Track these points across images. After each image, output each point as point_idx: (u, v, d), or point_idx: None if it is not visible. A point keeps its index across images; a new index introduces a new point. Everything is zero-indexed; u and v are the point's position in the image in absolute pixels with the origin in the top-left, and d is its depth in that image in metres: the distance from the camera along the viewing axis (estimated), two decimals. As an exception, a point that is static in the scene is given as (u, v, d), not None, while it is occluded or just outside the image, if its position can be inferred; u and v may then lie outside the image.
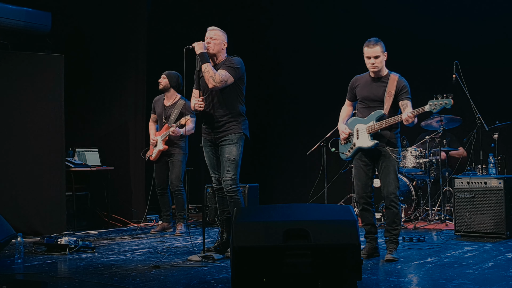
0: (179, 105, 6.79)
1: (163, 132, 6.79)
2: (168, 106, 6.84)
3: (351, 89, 5.08)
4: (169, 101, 6.86)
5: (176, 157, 6.78)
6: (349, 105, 5.15)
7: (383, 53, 4.84)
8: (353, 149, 4.99)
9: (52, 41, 7.57)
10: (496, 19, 7.76)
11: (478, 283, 3.85)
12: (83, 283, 4.04)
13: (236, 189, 5.01)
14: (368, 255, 4.92)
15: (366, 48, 4.85)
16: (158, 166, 6.93)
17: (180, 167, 6.77)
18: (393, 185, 4.84)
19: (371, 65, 4.85)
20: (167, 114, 6.81)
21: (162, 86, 6.81)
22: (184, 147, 6.83)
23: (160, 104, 6.92)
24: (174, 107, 6.79)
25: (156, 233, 6.80)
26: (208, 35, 5.09)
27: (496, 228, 5.86)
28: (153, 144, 6.90)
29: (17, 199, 6.68)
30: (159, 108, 6.91)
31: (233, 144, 5.00)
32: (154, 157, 6.88)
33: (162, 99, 6.92)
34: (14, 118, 6.80)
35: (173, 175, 6.78)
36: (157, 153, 6.83)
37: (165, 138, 6.74)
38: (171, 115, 6.77)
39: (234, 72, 4.98)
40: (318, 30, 9.01)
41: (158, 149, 6.81)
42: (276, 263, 3.35)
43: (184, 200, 6.82)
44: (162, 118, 6.85)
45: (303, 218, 3.51)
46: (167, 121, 6.77)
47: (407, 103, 4.78)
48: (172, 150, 6.77)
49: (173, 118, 6.73)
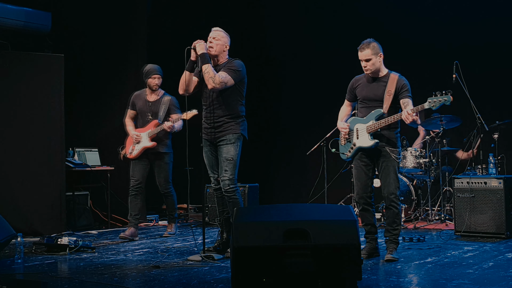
0: (166, 101, 6.43)
1: (150, 129, 6.38)
2: (153, 102, 6.46)
3: (351, 90, 5.08)
4: (154, 96, 6.48)
5: (163, 158, 6.43)
6: (348, 105, 5.15)
7: (376, 55, 4.83)
8: (353, 149, 4.99)
9: (52, 41, 7.57)
10: (496, 19, 7.76)
11: (478, 283, 3.85)
12: (83, 283, 4.04)
13: (234, 189, 5.01)
14: (368, 255, 4.93)
15: (359, 52, 4.89)
16: (137, 163, 6.43)
17: (168, 168, 6.46)
18: (393, 185, 4.84)
19: (363, 68, 4.89)
20: (153, 110, 6.42)
21: (158, 86, 6.48)
22: (170, 145, 6.50)
23: (142, 99, 6.50)
24: (161, 102, 6.43)
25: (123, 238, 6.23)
26: (212, 34, 5.09)
27: (496, 228, 5.86)
28: (137, 141, 6.41)
29: (17, 199, 6.68)
30: (142, 104, 6.48)
31: (231, 144, 5.01)
32: (136, 154, 6.39)
33: (144, 95, 6.51)
34: (14, 118, 6.79)
35: (162, 178, 6.45)
36: (140, 150, 6.36)
37: (153, 135, 6.35)
38: (159, 111, 6.40)
39: (235, 74, 4.98)
40: (318, 30, 9.01)
41: (143, 146, 6.35)
42: (276, 263, 3.35)
43: (175, 200, 6.55)
44: (147, 114, 6.43)
45: (303, 218, 3.51)
46: (155, 118, 6.39)
47: (408, 101, 4.79)
48: (159, 148, 6.38)
49: (162, 115, 6.38)
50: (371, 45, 4.83)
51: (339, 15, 8.88)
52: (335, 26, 8.84)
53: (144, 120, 6.46)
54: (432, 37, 8.13)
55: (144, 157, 6.41)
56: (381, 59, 4.88)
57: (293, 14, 9.28)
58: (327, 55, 8.81)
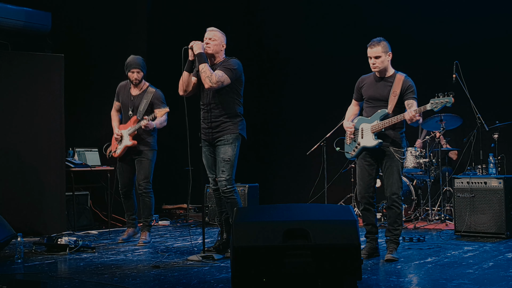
0: (148, 94, 6.00)
1: (130, 126, 6.01)
2: (135, 96, 6.06)
3: (357, 89, 5.11)
4: (137, 89, 6.08)
5: (145, 155, 6.00)
6: (355, 104, 5.18)
7: (385, 53, 4.85)
8: (357, 149, 5.02)
9: (52, 41, 7.58)
10: (497, 19, 7.76)
11: (478, 283, 3.85)
12: (83, 283, 4.04)
13: (231, 190, 5.01)
14: (368, 255, 4.93)
15: (368, 49, 4.89)
16: (122, 165, 6.12)
17: (150, 167, 6.00)
18: (396, 185, 4.87)
19: (372, 65, 4.89)
20: (134, 104, 6.02)
21: (139, 80, 6.04)
22: (153, 143, 6.07)
23: (126, 92, 6.12)
24: (143, 96, 6.01)
25: (122, 241, 6.08)
26: (207, 35, 5.09)
27: (496, 228, 5.86)
28: (117, 139, 6.09)
29: (17, 199, 6.68)
30: (125, 97, 6.11)
31: (229, 145, 5.00)
32: (119, 154, 6.06)
33: (128, 87, 6.12)
34: (14, 118, 6.80)
35: (141, 176, 5.98)
36: (122, 149, 6.02)
37: (133, 133, 5.96)
38: (140, 106, 5.98)
39: (231, 73, 4.98)
40: (318, 30, 9.01)
41: (124, 145, 6.00)
42: (276, 263, 3.35)
43: (152, 204, 6.05)
44: (128, 109, 6.06)
45: (303, 218, 3.51)
46: (135, 113, 6.00)
47: (413, 102, 4.80)
48: (141, 147, 6.00)
49: (142, 110, 5.96)
50: (382, 43, 4.85)
51: (340, 16, 8.87)
52: (336, 26, 8.83)
53: (125, 115, 6.12)
54: (432, 37, 8.13)
55: (128, 156, 6.08)
56: (390, 58, 4.90)
57: (294, 14, 9.27)
58: (328, 55, 8.81)
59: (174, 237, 6.52)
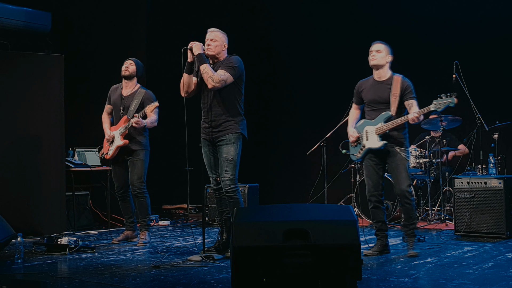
0: (139, 95, 5.97)
1: (121, 126, 5.98)
2: (126, 96, 6.03)
3: (357, 93, 5.23)
4: (128, 90, 6.06)
5: (137, 155, 5.95)
6: (356, 108, 5.29)
7: (386, 53, 5.00)
8: (363, 150, 5.13)
9: (52, 41, 7.57)
10: (497, 19, 7.75)
11: (478, 283, 3.85)
12: (83, 283, 4.04)
13: (235, 189, 5.00)
14: (379, 252, 5.05)
15: (372, 45, 5.04)
16: (116, 166, 6.10)
17: (143, 166, 5.95)
18: (405, 182, 4.96)
19: (371, 57, 5.02)
20: (125, 104, 5.98)
21: (129, 72, 6.01)
22: (145, 143, 6.02)
23: (118, 93, 6.10)
24: (134, 97, 5.98)
25: (118, 242, 6.03)
26: (209, 36, 5.07)
27: (496, 228, 5.86)
28: (108, 141, 6.06)
29: (17, 199, 6.68)
30: (116, 98, 6.08)
31: (231, 144, 4.99)
32: (111, 155, 6.02)
33: (120, 88, 6.11)
34: (14, 118, 6.79)
35: (134, 176, 5.92)
36: (114, 150, 5.97)
37: (124, 132, 5.91)
38: (130, 106, 5.94)
39: (233, 71, 4.97)
40: (320, 31, 9.01)
41: (116, 145, 5.95)
42: (276, 263, 3.34)
43: (148, 204, 6.01)
44: (119, 109, 6.02)
45: (303, 218, 3.51)
46: (125, 113, 5.96)
47: (412, 102, 4.93)
48: (132, 146, 5.94)
49: (133, 109, 5.91)
50: (385, 44, 5.05)
51: (341, 16, 8.87)
52: (338, 26, 8.83)
53: (117, 115, 6.08)
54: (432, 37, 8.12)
55: (121, 157, 6.04)
56: (390, 60, 5.04)
57: (295, 14, 9.26)
58: (329, 55, 8.81)
59: (174, 237, 6.52)
